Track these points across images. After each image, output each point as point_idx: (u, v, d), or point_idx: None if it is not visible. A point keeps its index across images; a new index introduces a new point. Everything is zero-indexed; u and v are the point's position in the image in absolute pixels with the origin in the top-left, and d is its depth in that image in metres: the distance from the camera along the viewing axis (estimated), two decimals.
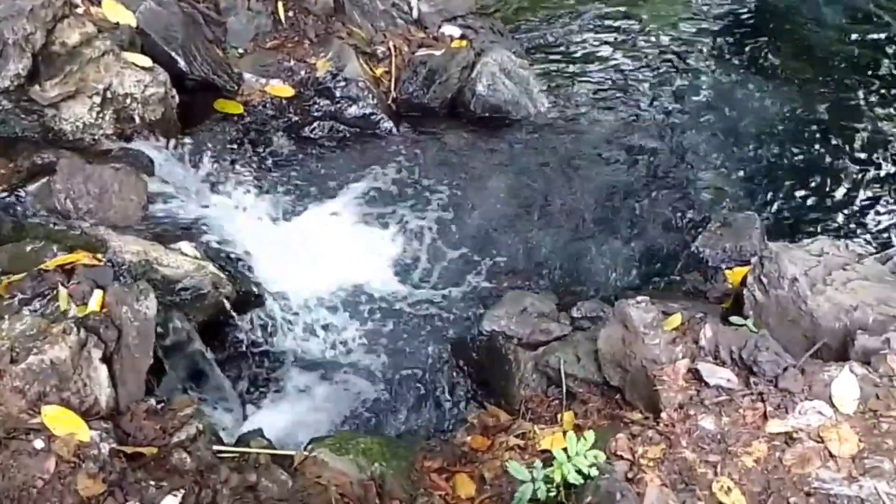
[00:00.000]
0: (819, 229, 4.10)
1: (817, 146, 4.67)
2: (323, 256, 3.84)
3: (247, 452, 2.64)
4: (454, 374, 3.53)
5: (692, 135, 4.73)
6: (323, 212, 4.09)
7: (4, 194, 3.25)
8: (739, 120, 4.84)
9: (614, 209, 4.28)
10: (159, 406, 2.63)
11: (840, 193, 4.39)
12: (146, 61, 3.76)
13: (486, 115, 4.70)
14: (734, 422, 2.52)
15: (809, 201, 4.34)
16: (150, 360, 2.69)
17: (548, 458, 2.53)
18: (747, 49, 5.45)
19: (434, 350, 3.61)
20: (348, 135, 4.50)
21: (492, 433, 3.08)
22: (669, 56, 5.36)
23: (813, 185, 4.43)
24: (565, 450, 2.34)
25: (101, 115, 3.61)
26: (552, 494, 2.36)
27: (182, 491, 2.31)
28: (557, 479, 2.31)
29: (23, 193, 3.27)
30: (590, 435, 2.34)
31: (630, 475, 2.41)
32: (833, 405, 2.52)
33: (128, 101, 3.67)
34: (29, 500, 2.16)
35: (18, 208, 3.24)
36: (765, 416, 2.51)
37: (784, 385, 2.57)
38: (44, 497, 2.17)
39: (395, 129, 4.55)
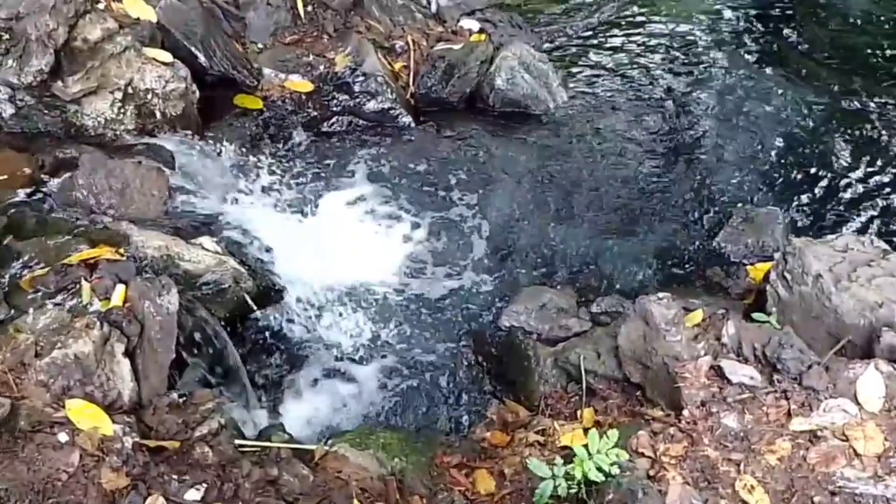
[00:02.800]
0: (843, 225, 4.05)
1: (842, 140, 4.61)
2: (342, 251, 3.85)
3: (268, 447, 2.66)
4: (473, 369, 3.53)
5: (713, 129, 4.68)
6: (342, 206, 4.09)
7: (28, 189, 3.28)
8: (762, 113, 4.79)
9: (634, 204, 4.25)
10: (181, 400, 2.66)
11: (865, 188, 4.32)
12: (167, 57, 3.77)
13: (505, 109, 4.70)
14: (757, 419, 2.50)
15: (833, 196, 4.28)
16: (172, 355, 2.71)
17: (568, 455, 2.52)
18: (771, 41, 5.40)
19: (453, 345, 3.60)
20: (367, 129, 4.50)
21: (511, 429, 3.08)
22: (691, 49, 5.31)
23: (837, 179, 4.37)
24: (586, 447, 2.33)
25: (122, 110, 3.64)
26: (573, 491, 2.35)
27: (205, 484, 2.33)
28: (578, 476, 2.30)
29: (46, 188, 3.31)
30: (613, 434, 2.33)
31: (652, 473, 2.40)
32: (858, 403, 2.49)
33: (149, 96, 3.69)
34: (53, 492, 2.18)
35: (42, 203, 3.26)
36: (788, 414, 2.49)
37: (808, 383, 2.55)
38: (68, 490, 2.19)
39: (413, 124, 4.55)
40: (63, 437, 2.28)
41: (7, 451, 2.21)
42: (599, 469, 2.29)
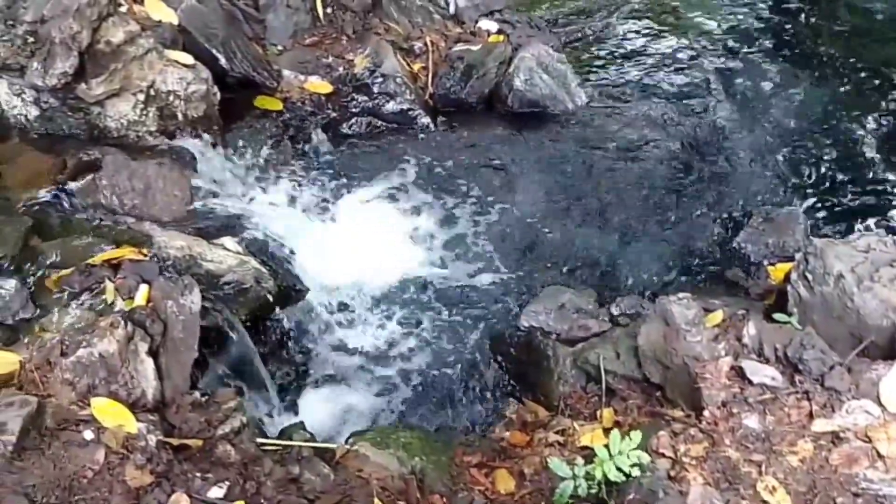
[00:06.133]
0: (865, 225, 4.02)
1: (863, 139, 4.57)
2: (362, 251, 3.87)
3: (290, 445, 2.68)
4: (492, 368, 3.53)
5: (734, 128, 4.66)
6: (361, 206, 4.11)
7: (52, 190, 3.32)
8: (782, 113, 4.76)
9: (653, 203, 4.24)
10: (204, 399, 2.68)
11: (887, 188, 4.29)
12: (188, 59, 3.80)
13: (524, 109, 4.70)
14: (779, 420, 2.48)
15: (855, 196, 4.25)
16: (194, 354, 2.73)
17: (588, 455, 2.52)
18: (792, 40, 5.36)
19: (472, 345, 3.61)
20: (386, 130, 4.53)
21: (530, 429, 3.08)
22: (710, 48, 5.29)
23: (858, 179, 4.34)
24: (607, 447, 2.33)
25: (144, 112, 3.67)
26: (593, 491, 2.35)
27: (227, 482, 2.35)
28: (599, 476, 2.30)
29: (70, 189, 3.35)
30: (636, 435, 2.32)
31: (672, 473, 2.39)
32: (881, 404, 2.47)
33: (171, 98, 3.73)
34: (79, 489, 2.20)
35: (66, 204, 3.31)
36: (810, 415, 2.48)
37: (830, 384, 2.53)
38: (93, 487, 2.22)
39: (432, 125, 4.57)
40: (88, 434, 2.31)
41: (34, 449, 2.23)
42: (620, 469, 2.29)
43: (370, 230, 3.97)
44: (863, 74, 5.03)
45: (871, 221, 4.07)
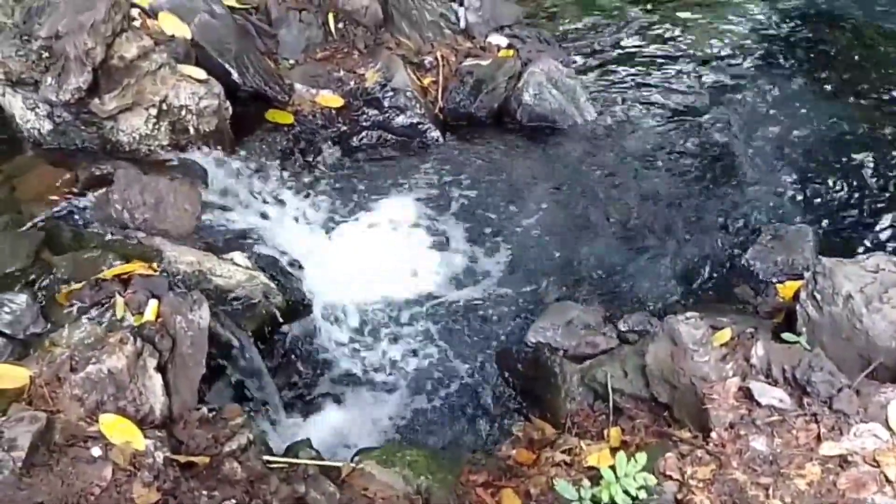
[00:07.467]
0: (874, 244, 4.00)
1: (873, 158, 4.54)
2: (370, 265, 3.88)
3: (296, 463, 2.68)
4: (499, 385, 3.53)
5: (742, 144, 4.65)
6: (370, 221, 4.13)
7: (64, 204, 3.35)
8: (792, 129, 4.74)
9: (662, 220, 4.23)
10: (211, 415, 2.69)
11: None
12: (201, 73, 3.84)
13: (533, 124, 4.71)
14: (787, 443, 2.47)
15: (864, 215, 4.22)
16: (203, 370, 2.74)
17: (594, 476, 2.51)
18: (801, 56, 5.34)
19: (479, 361, 3.61)
20: (396, 144, 4.56)
21: (537, 447, 3.07)
22: (719, 64, 5.28)
23: (868, 198, 4.31)
24: (614, 469, 2.32)
25: (157, 126, 3.70)
26: None
27: (233, 500, 2.35)
28: (605, 499, 2.30)
29: (82, 203, 3.38)
30: (641, 457, 2.32)
31: (679, 496, 2.38)
32: (889, 428, 2.45)
33: (183, 112, 3.75)
34: None
35: (78, 218, 3.33)
36: (818, 438, 2.46)
37: (838, 406, 2.52)
38: None
39: (441, 139, 4.59)
40: (96, 451, 2.32)
41: (42, 465, 2.25)
42: (626, 492, 2.28)
43: (378, 245, 3.98)
44: (876, 93, 5.01)
45: (881, 239, 4.05)
